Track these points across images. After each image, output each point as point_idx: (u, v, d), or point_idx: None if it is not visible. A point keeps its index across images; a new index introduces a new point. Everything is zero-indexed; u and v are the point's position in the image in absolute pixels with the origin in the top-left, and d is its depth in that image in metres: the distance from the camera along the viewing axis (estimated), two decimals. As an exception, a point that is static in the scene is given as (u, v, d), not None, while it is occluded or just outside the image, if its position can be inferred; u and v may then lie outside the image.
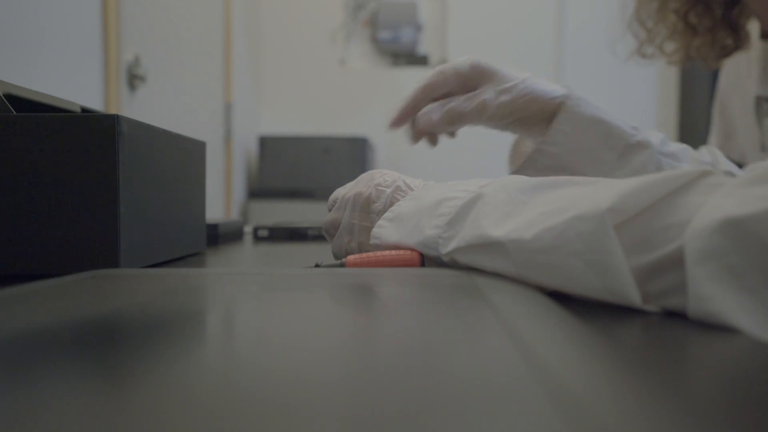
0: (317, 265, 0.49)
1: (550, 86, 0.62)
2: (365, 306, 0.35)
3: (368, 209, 0.51)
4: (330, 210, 0.56)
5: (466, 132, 0.82)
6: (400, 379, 0.19)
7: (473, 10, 2.84)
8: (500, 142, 0.88)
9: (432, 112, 0.62)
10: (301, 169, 2.54)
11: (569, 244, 0.31)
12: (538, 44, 2.80)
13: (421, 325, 0.29)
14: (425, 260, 0.45)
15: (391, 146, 2.79)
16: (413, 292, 0.38)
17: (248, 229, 0.98)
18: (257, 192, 2.57)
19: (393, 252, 0.45)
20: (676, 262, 0.28)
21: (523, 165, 0.62)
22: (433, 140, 0.67)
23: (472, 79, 0.63)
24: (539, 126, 0.63)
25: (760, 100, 0.77)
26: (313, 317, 0.30)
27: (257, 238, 0.88)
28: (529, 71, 0.64)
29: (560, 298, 0.32)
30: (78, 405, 0.16)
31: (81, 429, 0.15)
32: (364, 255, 0.46)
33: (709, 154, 0.67)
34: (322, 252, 0.70)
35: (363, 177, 0.54)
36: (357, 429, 0.15)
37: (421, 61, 2.89)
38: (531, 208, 0.36)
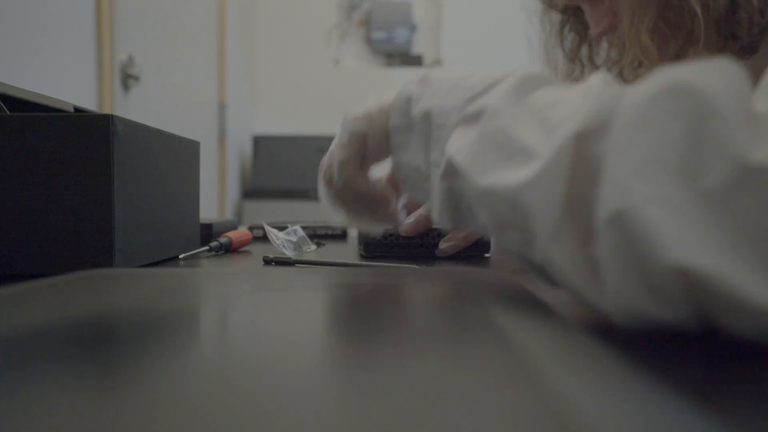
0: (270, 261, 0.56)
1: None
2: (361, 306, 0.36)
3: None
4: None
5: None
6: (395, 382, 0.19)
7: (467, 10, 2.85)
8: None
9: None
10: (295, 169, 2.54)
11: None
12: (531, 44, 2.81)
13: (417, 325, 0.29)
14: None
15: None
16: (411, 291, 0.38)
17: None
18: (251, 192, 2.57)
19: None
20: None
21: None
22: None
23: None
24: None
25: None
26: (307, 316, 0.31)
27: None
28: None
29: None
30: (72, 404, 0.16)
31: (75, 427, 0.15)
32: None
33: None
34: (319, 252, 0.70)
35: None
36: (349, 428, 0.15)
37: (416, 61, 2.89)
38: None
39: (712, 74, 0.22)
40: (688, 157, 0.21)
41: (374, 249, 0.65)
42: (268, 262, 0.57)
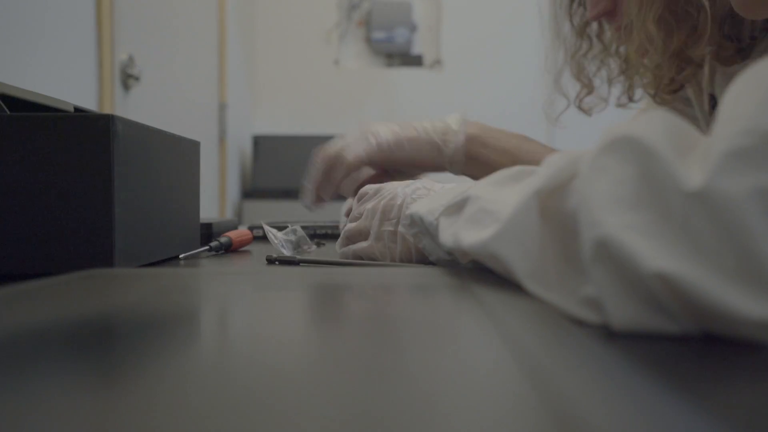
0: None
1: None
2: (359, 306, 0.36)
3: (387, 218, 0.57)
4: (348, 213, 0.68)
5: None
6: (390, 381, 0.19)
7: (467, 10, 2.85)
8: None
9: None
10: (295, 169, 2.53)
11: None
12: (531, 44, 2.81)
13: (413, 324, 0.29)
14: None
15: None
16: (405, 292, 0.38)
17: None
18: (251, 192, 2.57)
19: None
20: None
21: None
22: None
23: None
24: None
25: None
26: (306, 316, 0.31)
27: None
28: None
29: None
30: (72, 403, 0.16)
31: (75, 427, 0.15)
32: None
33: None
34: (320, 252, 0.70)
35: (383, 187, 0.60)
36: (347, 427, 0.15)
37: (416, 61, 2.89)
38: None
39: (647, 125, 0.27)
40: (641, 193, 0.25)
41: None
42: (271, 261, 0.57)
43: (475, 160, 0.76)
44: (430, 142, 0.77)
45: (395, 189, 0.58)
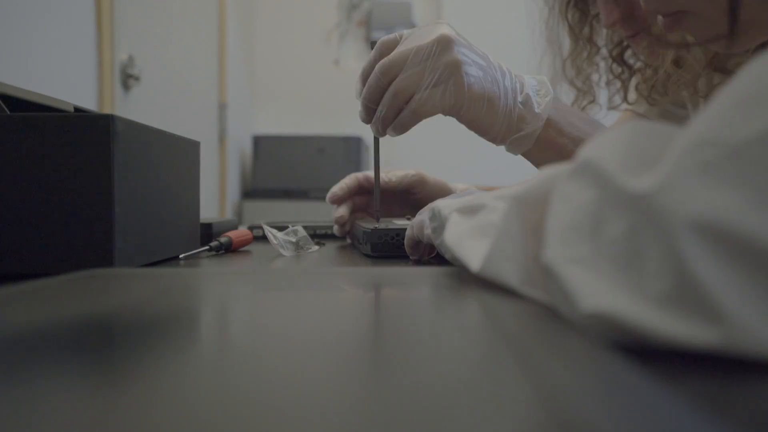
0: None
1: None
2: (359, 306, 0.36)
3: None
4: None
5: (460, 133, 0.83)
6: (394, 380, 0.19)
7: (467, 10, 2.85)
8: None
9: None
10: (296, 169, 2.54)
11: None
12: (531, 44, 2.80)
13: (413, 323, 0.29)
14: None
15: (385, 146, 2.78)
16: (406, 291, 0.38)
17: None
18: (251, 192, 2.57)
19: None
20: None
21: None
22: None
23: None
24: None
25: None
26: (306, 317, 0.31)
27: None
28: None
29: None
30: (72, 403, 0.16)
31: (75, 427, 0.15)
32: None
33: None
34: (321, 253, 0.70)
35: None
36: (349, 428, 0.15)
37: (416, 61, 2.89)
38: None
39: (610, 144, 0.26)
40: (595, 219, 0.25)
41: (381, 249, 0.64)
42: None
43: (545, 144, 0.68)
44: (507, 116, 0.67)
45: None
